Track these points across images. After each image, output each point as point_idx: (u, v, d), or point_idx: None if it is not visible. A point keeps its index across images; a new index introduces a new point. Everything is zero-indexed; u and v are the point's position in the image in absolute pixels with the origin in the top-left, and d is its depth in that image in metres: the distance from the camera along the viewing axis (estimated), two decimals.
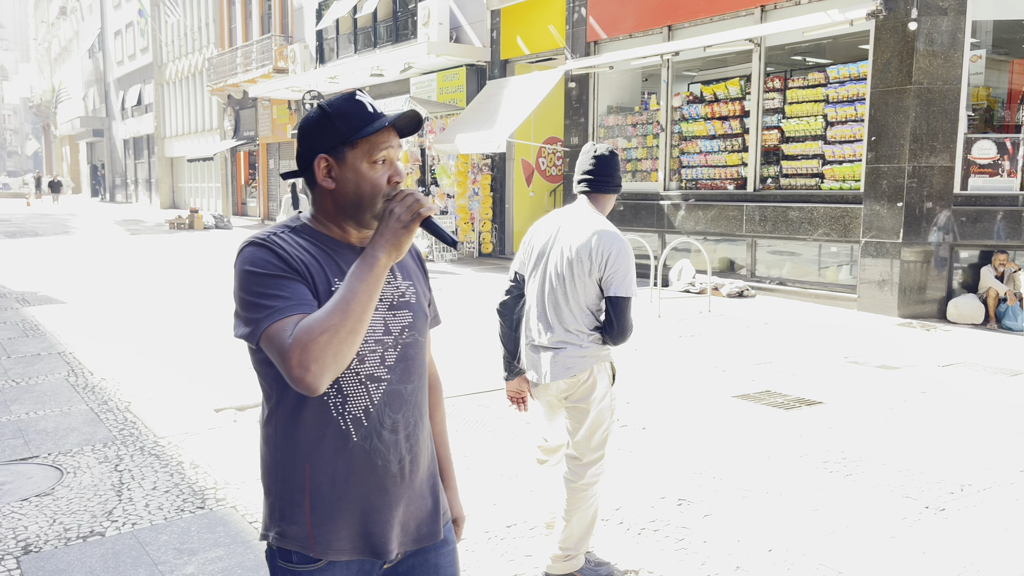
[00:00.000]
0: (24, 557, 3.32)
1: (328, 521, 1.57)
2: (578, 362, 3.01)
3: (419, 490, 1.67)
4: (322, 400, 1.54)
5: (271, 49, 24.51)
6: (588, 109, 13.86)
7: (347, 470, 1.57)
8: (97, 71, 51.02)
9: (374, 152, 1.56)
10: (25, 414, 5.31)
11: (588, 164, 3.12)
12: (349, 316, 1.42)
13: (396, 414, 1.61)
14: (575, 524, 3.10)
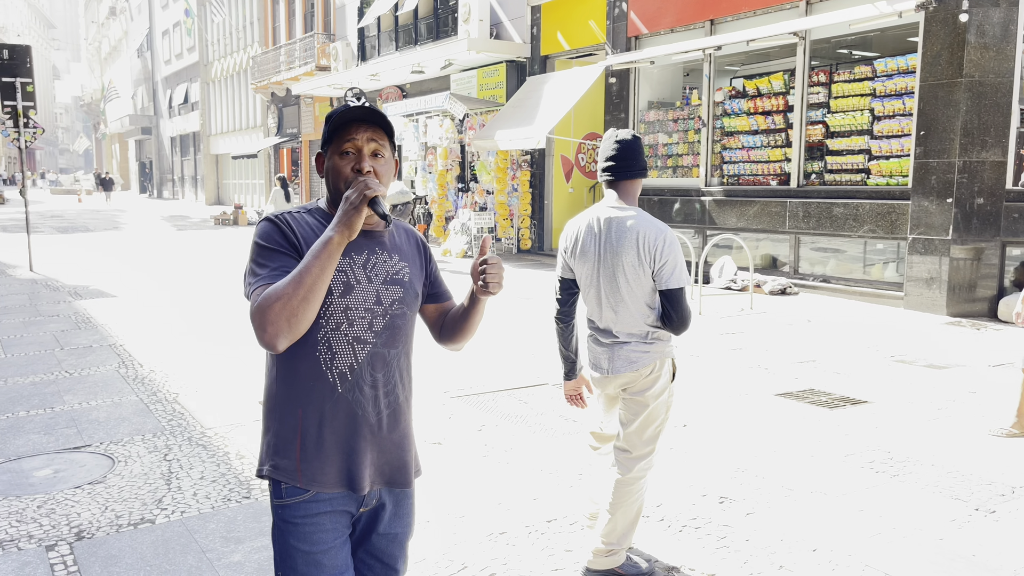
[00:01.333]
0: (77, 543, 3.42)
1: (314, 457, 1.83)
2: (642, 356, 3.01)
3: (395, 441, 1.92)
4: (314, 355, 1.80)
5: (314, 47, 24.80)
6: (628, 104, 13.77)
7: (332, 416, 1.83)
8: (145, 70, 52.12)
9: (341, 145, 1.83)
10: (78, 404, 5.47)
11: (610, 150, 3.06)
12: (301, 286, 1.66)
13: (377, 373, 1.86)
14: (619, 518, 3.10)
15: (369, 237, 1.89)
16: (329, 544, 1.86)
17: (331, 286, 1.79)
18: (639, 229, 2.94)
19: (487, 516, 3.73)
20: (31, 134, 13.33)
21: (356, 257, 1.85)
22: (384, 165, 1.85)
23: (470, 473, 4.29)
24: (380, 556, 1.99)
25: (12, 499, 3.87)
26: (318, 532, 1.84)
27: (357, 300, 1.82)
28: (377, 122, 1.84)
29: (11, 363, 6.59)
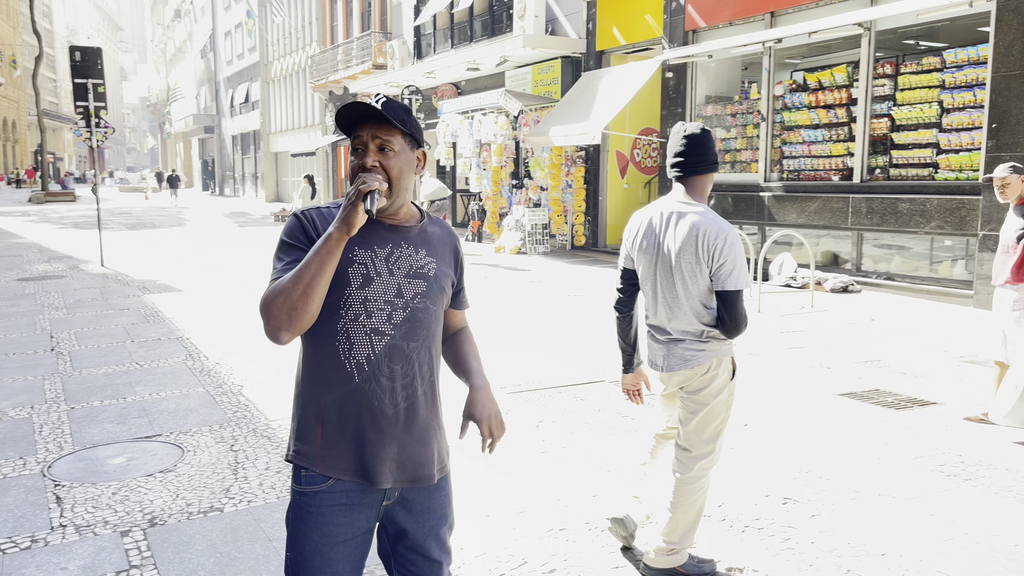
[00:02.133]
0: (150, 529, 3.54)
1: (334, 445, 1.85)
2: (696, 355, 2.97)
3: (416, 436, 1.90)
4: (333, 345, 1.82)
5: (370, 46, 25.10)
6: (685, 99, 13.60)
7: (350, 406, 1.84)
8: (208, 70, 53.46)
9: (352, 143, 1.86)
10: (148, 395, 5.65)
11: (679, 145, 2.97)
12: (300, 281, 1.70)
13: (395, 365, 1.85)
14: (680, 517, 3.07)
15: (395, 231, 1.90)
16: (340, 537, 1.87)
17: (350, 277, 1.80)
18: (700, 227, 2.87)
19: (547, 512, 3.74)
20: (102, 134, 13.79)
21: (379, 250, 1.85)
22: (394, 158, 1.83)
23: (528, 469, 4.30)
24: (419, 550, 1.98)
25: (88, 486, 4.01)
26: (330, 524, 1.86)
27: (376, 292, 1.83)
28: (381, 117, 1.81)
29: (85, 354, 6.84)
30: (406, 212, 1.93)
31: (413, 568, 1.99)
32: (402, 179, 1.85)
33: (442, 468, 1.99)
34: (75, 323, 8.24)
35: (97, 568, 3.18)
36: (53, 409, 5.28)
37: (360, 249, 1.83)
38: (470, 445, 4.64)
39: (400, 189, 1.86)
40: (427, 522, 1.98)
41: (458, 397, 2.16)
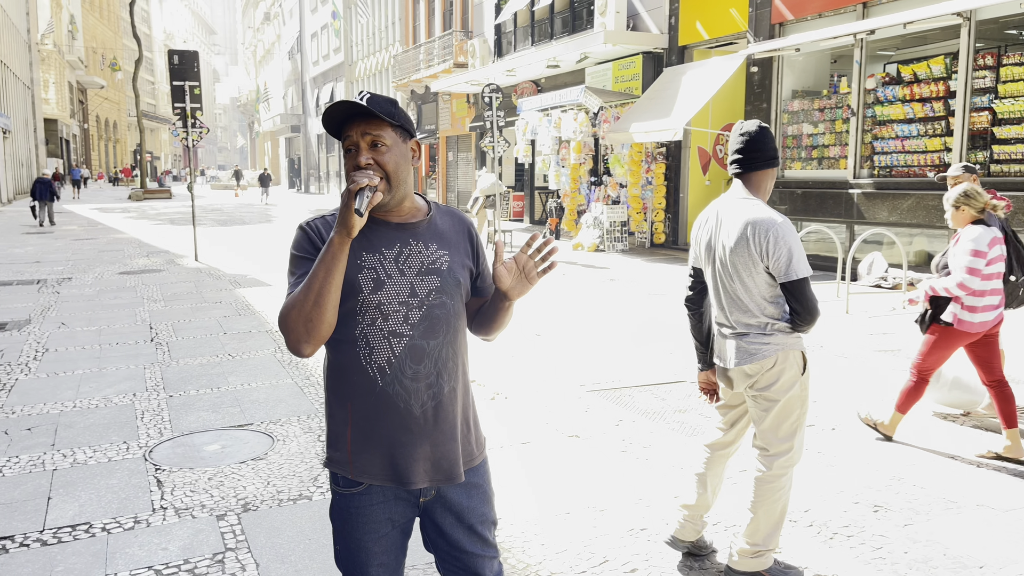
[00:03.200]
0: (244, 514, 3.69)
1: (364, 450, 1.86)
2: (761, 348, 2.94)
3: (448, 434, 1.88)
4: (355, 351, 1.82)
5: (452, 45, 25.38)
6: (771, 94, 13.27)
7: (376, 410, 1.83)
8: (295, 71, 55.07)
9: (344, 145, 1.82)
10: (240, 385, 5.88)
11: (738, 143, 2.99)
12: (311, 292, 1.70)
13: (417, 365, 1.83)
14: (762, 518, 3.02)
15: (402, 229, 1.87)
16: (380, 532, 1.91)
17: (360, 284, 1.79)
18: (750, 221, 2.87)
19: (627, 511, 3.72)
20: (197, 133, 14.38)
21: (387, 251, 1.83)
22: (387, 153, 1.79)
23: (608, 468, 4.29)
24: (460, 546, 1.97)
25: (186, 471, 4.21)
26: (369, 523, 1.89)
27: (390, 294, 1.80)
28: (368, 113, 1.77)
29: (182, 346, 7.16)
30: (410, 206, 1.89)
31: (457, 564, 1.98)
32: (399, 172, 1.81)
33: (475, 462, 1.97)
34: (172, 315, 8.63)
35: (195, 549, 3.33)
36: (153, 397, 5.56)
37: (368, 254, 1.81)
38: (546, 444, 4.66)
39: (398, 182, 1.81)
40: (468, 519, 1.96)
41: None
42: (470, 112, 25.37)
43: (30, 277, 11.51)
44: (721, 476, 3.25)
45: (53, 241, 17.08)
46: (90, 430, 4.84)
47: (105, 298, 9.74)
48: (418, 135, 26.09)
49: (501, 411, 5.28)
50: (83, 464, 4.29)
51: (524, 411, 5.28)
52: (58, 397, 5.53)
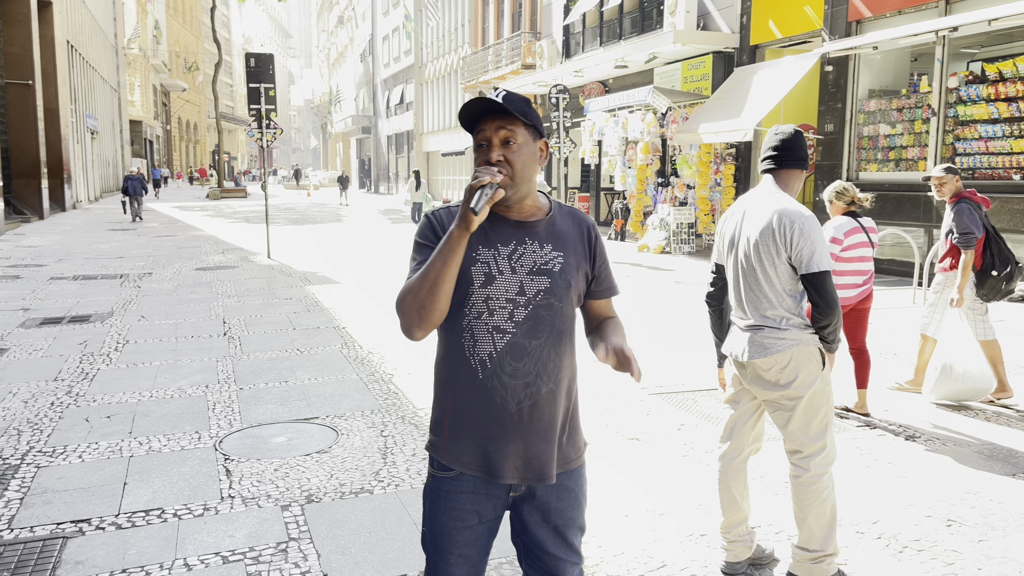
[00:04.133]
0: (307, 505, 3.78)
1: (459, 438, 1.89)
2: (776, 343, 2.90)
3: (542, 435, 1.88)
4: (460, 341, 1.87)
5: (520, 46, 25.47)
6: (846, 93, 12.90)
7: (474, 401, 1.87)
8: (367, 73, 56.08)
9: (476, 139, 1.86)
10: (308, 379, 6.02)
11: (773, 142, 3.05)
12: (426, 280, 1.76)
13: (517, 363, 1.84)
14: (812, 522, 2.95)
15: (520, 227, 1.88)
16: (466, 523, 1.92)
17: (472, 276, 1.83)
18: (778, 211, 2.88)
19: (687, 516, 3.67)
20: (272, 134, 14.80)
21: (502, 248, 1.86)
22: (518, 151, 1.82)
23: (669, 472, 4.24)
24: (544, 547, 1.97)
25: (254, 461, 4.33)
26: (457, 510, 1.91)
27: (498, 290, 1.83)
28: (503, 110, 1.80)
29: (253, 340, 7.37)
30: (532, 204, 1.91)
31: (539, 564, 1.99)
32: (525, 171, 1.84)
33: (571, 465, 1.96)
34: (244, 310, 8.89)
35: (260, 538, 3.43)
36: (224, 389, 5.74)
37: (484, 248, 1.85)
38: (606, 447, 4.64)
39: (523, 180, 1.83)
40: (554, 520, 1.96)
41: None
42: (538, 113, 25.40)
43: (114, 272, 12.02)
44: (745, 483, 3.18)
45: (136, 238, 17.80)
46: (165, 419, 5.03)
47: (182, 293, 10.10)
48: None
49: None
50: (157, 452, 4.46)
51: (586, 413, 5.24)
52: (136, 387, 5.76)
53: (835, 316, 2.83)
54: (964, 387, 5.23)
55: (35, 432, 4.75)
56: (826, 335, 2.89)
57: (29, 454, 4.38)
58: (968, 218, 5.27)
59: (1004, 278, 5.31)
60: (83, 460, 4.32)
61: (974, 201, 5.40)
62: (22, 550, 3.28)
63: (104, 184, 37.38)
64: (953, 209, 5.40)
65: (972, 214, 5.29)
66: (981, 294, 5.41)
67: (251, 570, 3.15)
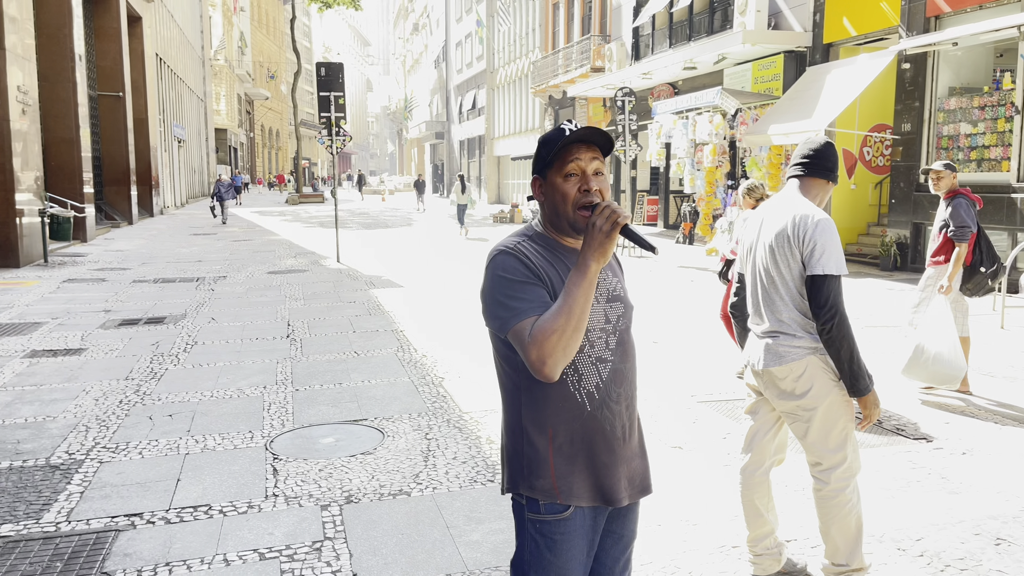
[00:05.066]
0: (346, 506, 3.88)
1: (568, 474, 1.88)
2: (790, 351, 2.84)
3: (636, 450, 1.99)
4: (562, 379, 1.85)
5: (589, 49, 25.40)
6: (924, 92, 12.42)
7: (582, 434, 1.88)
8: (440, 79, 56.86)
9: (564, 168, 1.85)
10: (361, 382, 6.16)
11: (802, 150, 3.01)
12: (572, 317, 1.72)
13: (619, 388, 1.92)
14: (838, 537, 2.88)
15: None
16: (580, 559, 1.94)
17: None
18: (796, 212, 2.84)
19: (721, 527, 3.62)
20: (341, 141, 15.18)
21: None
22: (603, 182, 1.87)
23: (708, 481, 4.18)
24: (607, 569, 2.04)
25: (300, 461, 4.47)
26: (572, 550, 1.91)
27: (592, 322, 1.87)
28: (596, 142, 1.85)
29: (314, 342, 7.59)
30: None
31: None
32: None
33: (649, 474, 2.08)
34: (309, 313, 9.16)
35: (297, 536, 3.54)
36: (281, 390, 5.93)
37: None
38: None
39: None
40: (624, 532, 2.05)
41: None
42: (606, 116, 25.29)
43: (191, 275, 12.55)
44: (770, 496, 3.12)
45: (215, 242, 18.52)
46: (222, 419, 5.24)
47: (252, 296, 10.46)
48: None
49: None
50: (211, 450, 4.65)
51: None
52: (199, 387, 6.01)
53: (834, 325, 2.71)
54: (933, 370, 5.33)
55: (102, 429, 5.01)
56: (831, 356, 2.77)
57: (94, 450, 4.63)
58: (965, 212, 5.59)
59: (990, 275, 5.67)
60: (143, 456, 4.54)
61: (970, 198, 5.70)
62: (76, 541, 3.48)
63: (190, 190, 38.98)
64: (950, 204, 5.70)
65: (969, 210, 5.62)
66: (966, 288, 5.74)
67: (285, 568, 3.26)
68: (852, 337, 2.74)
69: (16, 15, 13.48)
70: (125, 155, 22.42)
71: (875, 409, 2.80)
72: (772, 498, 3.12)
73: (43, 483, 4.13)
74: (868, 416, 2.80)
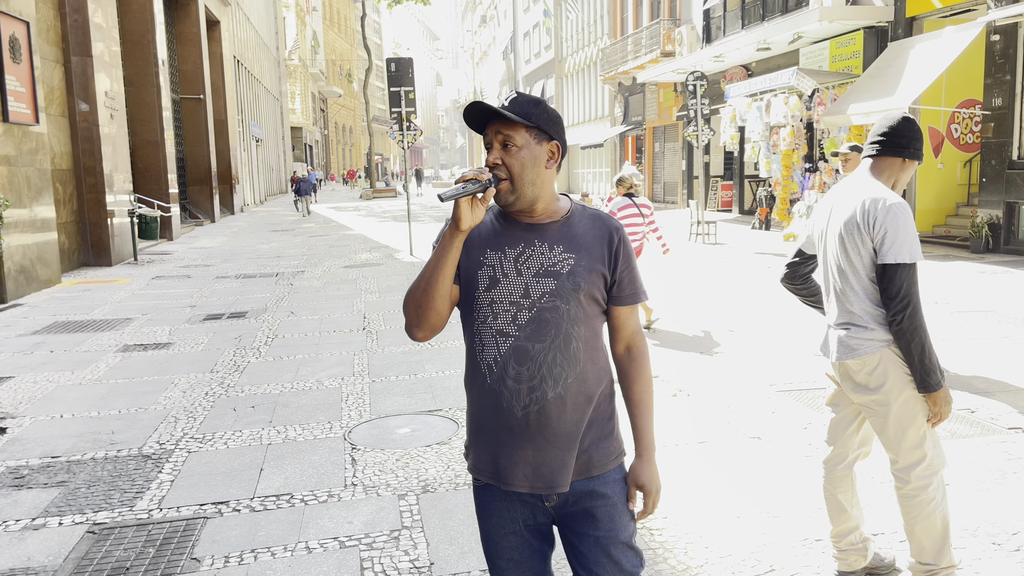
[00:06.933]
0: (423, 495, 3.93)
1: (476, 443, 1.91)
2: (863, 344, 2.71)
3: (552, 441, 1.83)
4: (472, 346, 1.88)
5: (659, 34, 25.00)
6: (1016, 64, 11.78)
7: (485, 406, 1.87)
8: (509, 70, 56.90)
9: (483, 142, 1.86)
10: (435, 372, 6.23)
11: (878, 127, 2.82)
12: (421, 279, 1.80)
13: (520, 367, 1.81)
14: (921, 535, 2.75)
15: (531, 229, 1.85)
16: (507, 528, 1.91)
17: (478, 280, 1.83)
18: (866, 196, 2.69)
19: (803, 520, 3.52)
20: (412, 135, 15.36)
21: (509, 251, 1.84)
22: (516, 154, 1.78)
23: (790, 472, 4.07)
24: (587, 563, 1.88)
25: (378, 451, 4.56)
26: (494, 516, 1.91)
27: (502, 293, 1.81)
28: (502, 115, 1.78)
29: (389, 334, 7.72)
30: (545, 208, 1.87)
31: None
32: (524, 174, 1.80)
33: (592, 472, 1.87)
34: (384, 306, 9.31)
35: (376, 525, 3.61)
36: (358, 381, 6.05)
37: (491, 251, 1.85)
38: (724, 445, 4.52)
39: (525, 184, 1.80)
40: (593, 532, 1.87)
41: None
42: (677, 101, 24.86)
43: (271, 271, 12.92)
44: (854, 490, 2.99)
45: (293, 238, 19.02)
46: (302, 410, 5.38)
47: (329, 290, 10.71)
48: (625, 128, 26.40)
49: (681, 409, 5.18)
50: (292, 440, 4.78)
51: (706, 409, 5.14)
52: (280, 379, 6.19)
53: (906, 315, 2.57)
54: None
55: (190, 420, 5.21)
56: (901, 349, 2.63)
57: (183, 440, 4.82)
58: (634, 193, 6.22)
59: None
60: (228, 447, 4.70)
61: None
62: (168, 528, 3.63)
63: (268, 188, 40.14)
64: None
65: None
66: None
67: (364, 555, 3.33)
68: (925, 330, 2.59)
69: (102, 23, 14.10)
70: (207, 155, 23.22)
71: (946, 406, 2.65)
72: (856, 492, 3.01)
73: (136, 472, 4.32)
74: (938, 414, 2.66)
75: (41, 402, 5.70)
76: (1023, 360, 6.07)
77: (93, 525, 3.67)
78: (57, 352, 7.27)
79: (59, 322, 8.77)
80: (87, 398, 5.77)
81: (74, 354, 7.18)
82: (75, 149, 13.48)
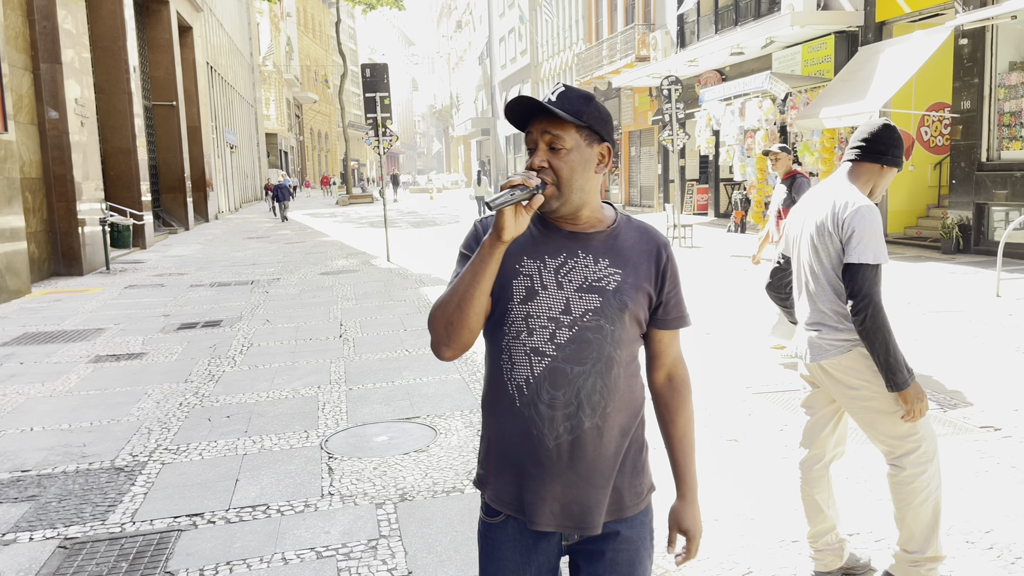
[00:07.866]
0: (400, 503, 3.91)
1: (500, 473, 1.71)
2: (834, 344, 2.76)
3: (585, 476, 1.66)
4: (499, 364, 1.68)
5: (634, 39, 25.13)
6: (984, 68, 11.98)
7: (512, 431, 1.67)
8: (485, 75, 56.97)
9: (526, 141, 1.68)
10: (413, 379, 6.21)
11: (858, 133, 2.87)
12: (455, 293, 1.59)
13: (555, 391, 1.63)
14: (912, 524, 2.78)
15: (574, 239, 1.68)
16: (518, 573, 1.74)
17: (513, 291, 1.64)
18: (838, 197, 2.77)
19: (780, 521, 3.54)
20: (388, 141, 15.31)
21: (549, 260, 1.65)
22: (564, 157, 1.61)
23: (766, 474, 4.10)
24: None
25: (355, 459, 4.52)
26: (506, 560, 1.73)
27: (540, 307, 1.63)
28: (550, 112, 1.60)
29: (366, 341, 7.67)
30: (590, 216, 1.69)
31: None
32: (574, 179, 1.63)
33: (625, 513, 1.73)
34: (361, 313, 9.26)
35: (353, 535, 3.58)
36: (335, 389, 6.01)
37: (529, 260, 1.66)
38: (701, 448, 4.53)
39: (572, 189, 1.63)
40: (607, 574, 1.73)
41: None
42: (652, 106, 25.00)
43: (245, 278, 12.80)
44: (830, 490, 3.02)
45: (268, 245, 18.86)
46: (278, 419, 5.32)
47: (305, 297, 10.63)
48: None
49: None
50: (268, 450, 4.73)
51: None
52: (255, 388, 6.12)
53: (867, 315, 2.59)
54: (779, 330, 6.27)
55: (163, 431, 5.14)
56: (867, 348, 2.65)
57: (156, 451, 4.75)
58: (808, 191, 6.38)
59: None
60: (203, 457, 4.65)
61: (806, 177, 6.30)
62: (141, 542, 3.57)
63: (243, 195, 39.79)
64: (793, 184, 6.25)
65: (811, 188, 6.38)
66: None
67: (342, 566, 3.29)
68: (888, 329, 2.62)
69: (72, 30, 13.92)
70: (180, 163, 22.98)
71: (918, 403, 2.66)
72: (832, 493, 3.04)
73: (108, 485, 4.25)
74: (911, 411, 2.68)
75: (10, 415, 5.60)
76: (993, 360, 6.16)
77: (64, 540, 3.61)
78: (27, 364, 7.15)
79: (29, 333, 8.63)
80: (58, 410, 5.67)
81: (44, 365, 7.06)
82: (45, 157, 13.28)
